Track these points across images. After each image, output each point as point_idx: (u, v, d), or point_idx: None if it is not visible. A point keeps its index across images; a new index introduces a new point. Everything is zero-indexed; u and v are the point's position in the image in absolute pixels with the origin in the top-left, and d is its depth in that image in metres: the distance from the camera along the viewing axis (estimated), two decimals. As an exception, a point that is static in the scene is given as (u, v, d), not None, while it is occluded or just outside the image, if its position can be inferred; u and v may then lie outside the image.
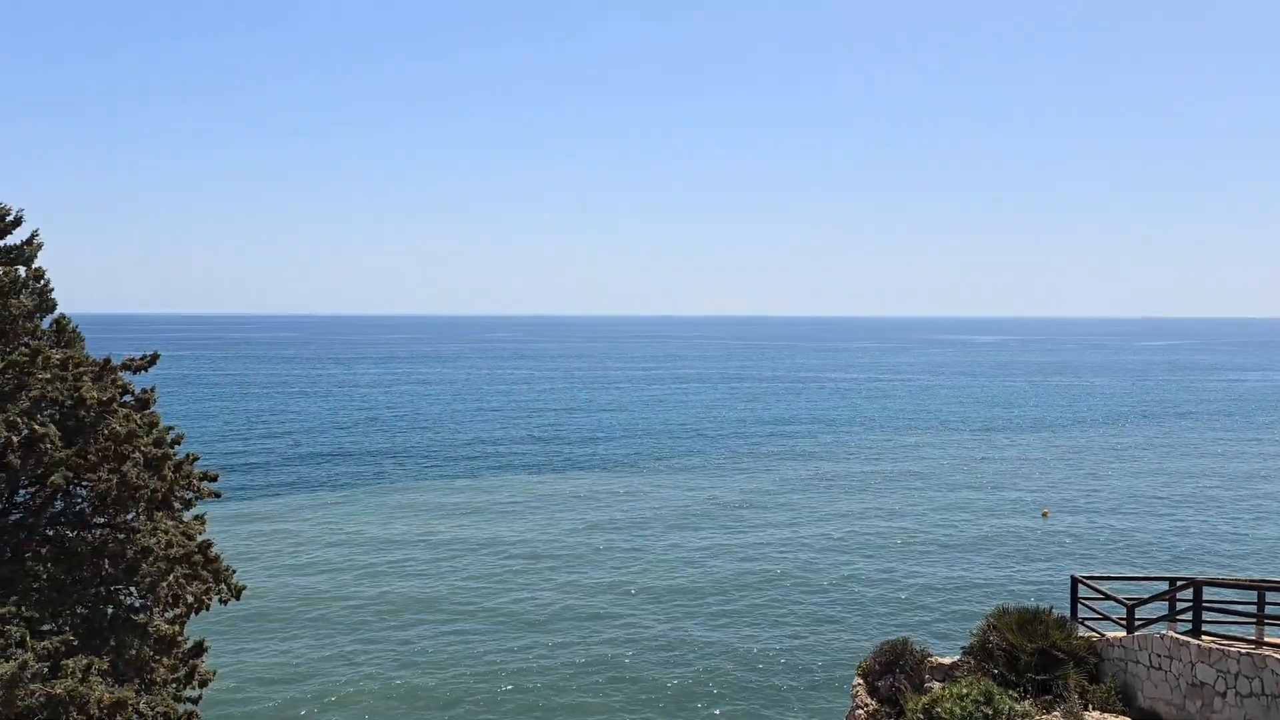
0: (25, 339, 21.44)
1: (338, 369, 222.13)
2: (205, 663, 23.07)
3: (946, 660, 23.85)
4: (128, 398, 22.04)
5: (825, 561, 55.61)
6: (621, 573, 52.89)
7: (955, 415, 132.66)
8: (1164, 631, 21.43)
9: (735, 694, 37.25)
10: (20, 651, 17.50)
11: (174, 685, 21.84)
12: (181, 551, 21.18)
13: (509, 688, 37.65)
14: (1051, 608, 23.52)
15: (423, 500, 72.75)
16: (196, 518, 23.00)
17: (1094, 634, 23.34)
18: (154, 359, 23.48)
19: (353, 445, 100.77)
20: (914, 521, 66.45)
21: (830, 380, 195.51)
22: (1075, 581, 24.97)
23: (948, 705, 19.36)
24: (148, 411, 22.28)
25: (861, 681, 23.83)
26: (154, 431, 21.93)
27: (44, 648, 18.44)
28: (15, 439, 19.64)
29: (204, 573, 22.02)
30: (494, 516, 67.05)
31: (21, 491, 21.27)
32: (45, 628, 19.82)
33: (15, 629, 17.91)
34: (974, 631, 23.45)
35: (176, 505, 22.12)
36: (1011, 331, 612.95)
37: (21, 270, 22.10)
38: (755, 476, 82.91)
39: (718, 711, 35.80)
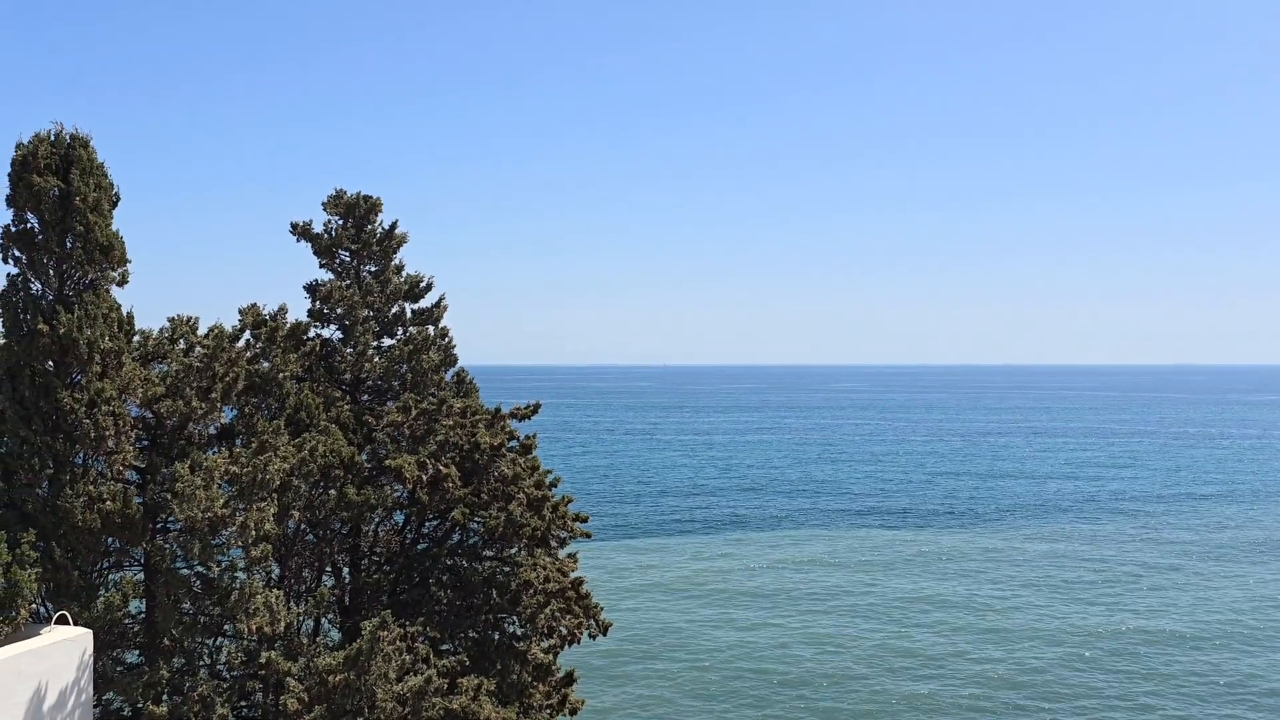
0: (433, 390, 24.50)
1: (692, 416, 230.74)
2: (574, 692, 24.80)
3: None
4: (514, 443, 24.41)
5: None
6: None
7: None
8: None
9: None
10: (425, 667, 19.82)
11: (548, 711, 23.64)
12: (557, 586, 23.03)
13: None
14: None
15: (788, 551, 72.98)
16: (570, 556, 24.89)
17: None
18: (536, 408, 25.82)
19: (712, 492, 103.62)
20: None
21: (1224, 438, 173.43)
22: None
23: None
24: (530, 456, 24.52)
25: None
26: (535, 474, 24.07)
27: (444, 665, 20.74)
28: (424, 477, 22.40)
29: (576, 608, 23.74)
30: (862, 571, 65.56)
31: (428, 524, 24.23)
32: (444, 647, 22.32)
33: (422, 646, 20.32)
34: None
35: (553, 543, 24.05)
36: None
37: (431, 329, 25.36)
38: (1160, 570, 65.78)
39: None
